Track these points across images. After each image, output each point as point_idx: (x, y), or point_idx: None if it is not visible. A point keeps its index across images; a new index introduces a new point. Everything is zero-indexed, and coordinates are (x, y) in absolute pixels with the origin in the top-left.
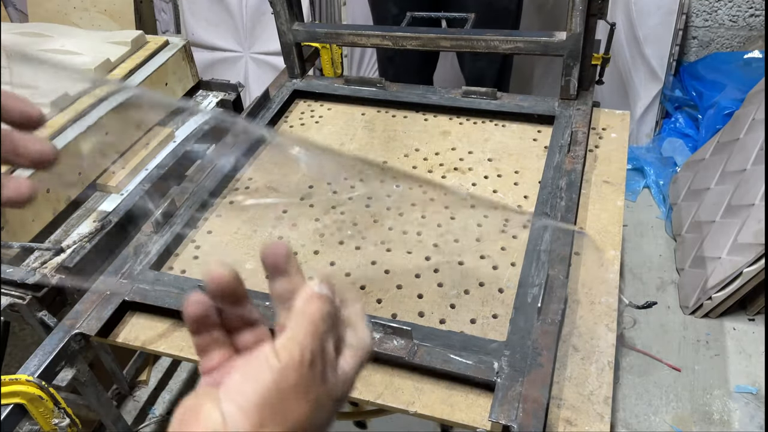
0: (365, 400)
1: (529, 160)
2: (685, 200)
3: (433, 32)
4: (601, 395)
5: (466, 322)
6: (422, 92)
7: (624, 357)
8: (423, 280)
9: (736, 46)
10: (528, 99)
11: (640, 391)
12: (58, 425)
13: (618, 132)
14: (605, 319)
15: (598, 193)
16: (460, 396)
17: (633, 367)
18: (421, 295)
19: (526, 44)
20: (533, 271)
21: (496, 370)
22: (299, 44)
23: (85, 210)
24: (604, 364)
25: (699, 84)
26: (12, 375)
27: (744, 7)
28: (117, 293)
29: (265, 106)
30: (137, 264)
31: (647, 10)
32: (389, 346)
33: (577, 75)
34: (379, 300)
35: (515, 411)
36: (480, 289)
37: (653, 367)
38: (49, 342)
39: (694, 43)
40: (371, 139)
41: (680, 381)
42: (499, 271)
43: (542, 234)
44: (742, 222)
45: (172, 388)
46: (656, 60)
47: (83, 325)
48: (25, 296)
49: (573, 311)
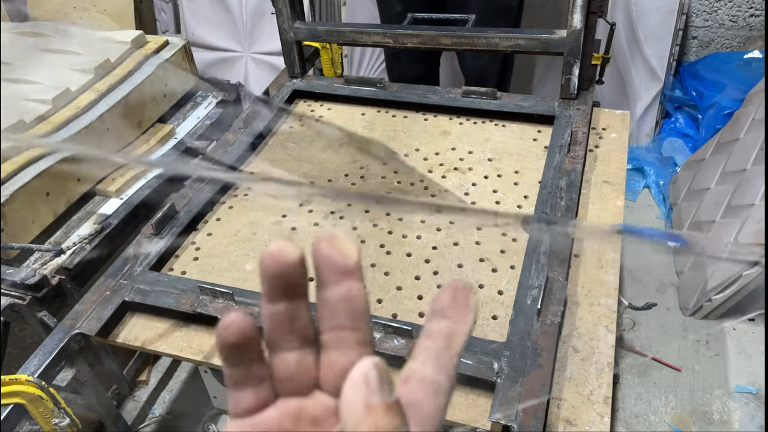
0: None
1: (529, 160)
2: (685, 200)
3: (434, 30)
4: (601, 395)
5: None
6: (422, 92)
7: (624, 357)
8: (423, 282)
9: (736, 46)
10: (528, 99)
11: (639, 391)
12: (58, 425)
13: (618, 132)
14: (605, 321)
15: (598, 193)
16: (460, 396)
17: (632, 367)
18: (420, 296)
19: (526, 41)
20: (533, 273)
21: (496, 371)
22: (300, 43)
23: (85, 212)
24: (604, 364)
25: (699, 84)
26: (12, 375)
27: (744, 7)
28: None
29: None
30: (137, 265)
31: (647, 10)
32: (389, 346)
33: (578, 73)
34: (379, 300)
35: (515, 411)
36: (479, 291)
37: (653, 368)
38: (49, 342)
39: (694, 43)
40: None
41: (680, 381)
42: (499, 273)
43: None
44: (742, 222)
45: (172, 388)
46: (656, 60)
47: (83, 326)
48: (25, 296)
49: (573, 313)
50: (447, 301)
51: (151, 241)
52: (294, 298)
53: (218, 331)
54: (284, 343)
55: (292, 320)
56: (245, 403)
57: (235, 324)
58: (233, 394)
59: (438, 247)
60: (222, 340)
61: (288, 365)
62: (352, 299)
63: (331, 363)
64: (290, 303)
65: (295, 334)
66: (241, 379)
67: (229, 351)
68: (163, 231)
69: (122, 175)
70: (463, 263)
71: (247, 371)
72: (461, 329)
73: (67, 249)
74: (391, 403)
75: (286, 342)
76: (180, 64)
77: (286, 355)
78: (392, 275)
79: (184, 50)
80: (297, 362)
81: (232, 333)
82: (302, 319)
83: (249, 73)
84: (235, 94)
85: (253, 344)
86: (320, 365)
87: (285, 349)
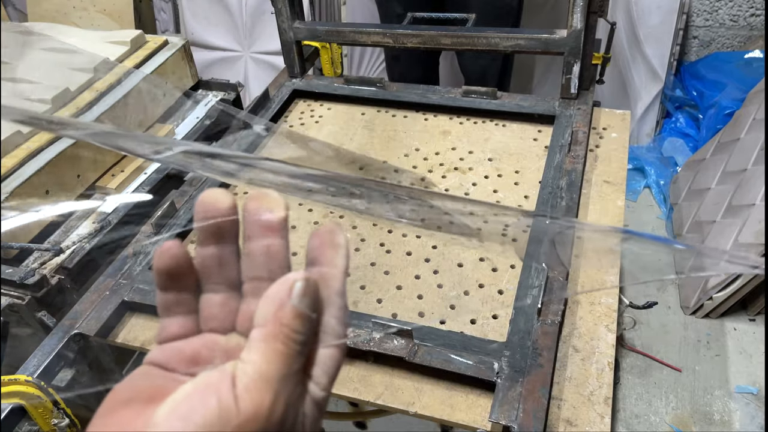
0: (365, 401)
1: (530, 159)
2: (685, 200)
3: (434, 30)
4: (602, 395)
5: (466, 323)
6: (422, 92)
7: (624, 357)
8: (422, 281)
9: (737, 45)
10: (528, 99)
11: (640, 392)
12: (57, 425)
13: (618, 132)
14: (605, 320)
15: (598, 193)
16: (461, 396)
17: (633, 367)
18: (421, 295)
19: (526, 41)
20: (533, 273)
21: (496, 371)
22: (300, 43)
23: (84, 211)
24: (604, 364)
25: (699, 84)
26: (11, 375)
27: (745, 6)
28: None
29: (265, 105)
30: (137, 264)
31: (648, 10)
32: (390, 346)
33: (578, 73)
34: (379, 300)
35: (515, 411)
36: (480, 290)
37: (653, 368)
38: (48, 342)
39: (694, 42)
40: (371, 139)
41: (680, 381)
42: (499, 273)
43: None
44: (742, 222)
45: None
46: (657, 59)
47: (83, 326)
48: (24, 296)
49: (573, 312)
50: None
51: (150, 240)
52: (223, 243)
53: (155, 257)
54: (212, 285)
55: (220, 264)
56: (171, 329)
57: (171, 250)
58: (162, 321)
59: (438, 246)
60: (157, 265)
61: (212, 305)
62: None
63: (249, 310)
64: (219, 247)
65: (222, 277)
66: (171, 305)
67: (163, 275)
68: (163, 230)
69: (122, 170)
70: (463, 262)
71: (178, 298)
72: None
73: (66, 248)
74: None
75: (214, 284)
76: (179, 63)
77: (213, 296)
78: (392, 274)
79: (184, 50)
80: (221, 303)
81: (167, 258)
82: (230, 264)
83: (249, 72)
84: (234, 93)
85: (184, 272)
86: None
87: (212, 291)
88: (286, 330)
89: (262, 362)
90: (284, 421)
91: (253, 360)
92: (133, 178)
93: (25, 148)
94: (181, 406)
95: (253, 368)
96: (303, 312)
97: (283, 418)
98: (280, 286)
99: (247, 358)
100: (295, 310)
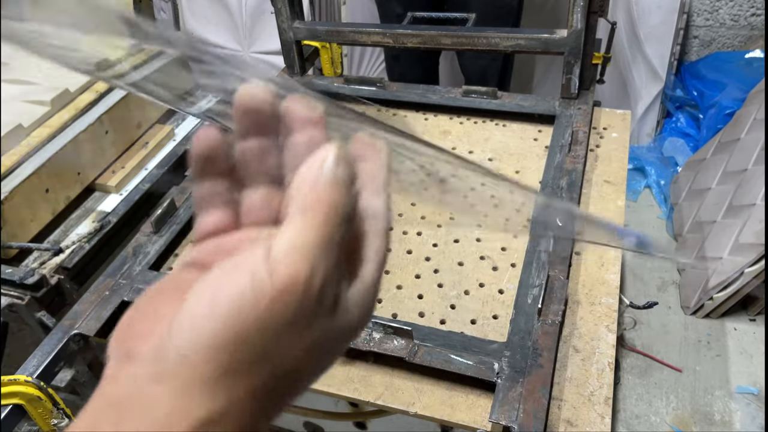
0: (365, 401)
1: (530, 159)
2: (686, 200)
3: (434, 30)
4: (602, 396)
5: (467, 323)
6: (422, 92)
7: (624, 357)
8: (423, 281)
9: (738, 45)
10: (529, 98)
11: (640, 392)
12: (57, 426)
13: (619, 132)
14: (606, 320)
15: (599, 192)
16: (461, 397)
17: (633, 367)
18: (421, 295)
19: (527, 41)
20: (533, 272)
21: (496, 371)
22: (300, 42)
23: (84, 210)
24: (605, 364)
25: (700, 83)
26: (11, 375)
27: (745, 6)
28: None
29: None
30: (136, 264)
31: (648, 10)
32: (390, 346)
33: (578, 73)
34: (379, 300)
35: (516, 412)
36: (480, 289)
37: (654, 368)
38: (47, 342)
39: (695, 42)
40: None
41: (681, 381)
42: (499, 272)
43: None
44: (743, 222)
45: None
46: (657, 59)
47: (82, 326)
48: (23, 296)
49: (573, 312)
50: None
51: (150, 239)
52: (265, 135)
53: (191, 144)
54: (253, 179)
55: (262, 157)
56: (209, 224)
57: (208, 135)
58: (199, 218)
59: (438, 245)
60: (194, 151)
61: (254, 200)
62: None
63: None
64: (261, 140)
65: (264, 171)
66: (209, 196)
67: (200, 163)
68: (163, 229)
69: (122, 166)
70: (463, 261)
71: (215, 188)
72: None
73: (66, 248)
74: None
75: (255, 179)
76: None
77: (254, 191)
78: (392, 273)
79: None
80: (263, 198)
81: (203, 143)
82: (272, 157)
83: None
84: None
85: (220, 158)
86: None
87: (254, 186)
88: (322, 198)
89: (299, 233)
90: (322, 298)
91: (290, 231)
92: (133, 174)
93: (25, 145)
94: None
95: (289, 239)
96: (339, 180)
97: (321, 295)
98: (314, 158)
99: (284, 230)
100: (331, 178)
